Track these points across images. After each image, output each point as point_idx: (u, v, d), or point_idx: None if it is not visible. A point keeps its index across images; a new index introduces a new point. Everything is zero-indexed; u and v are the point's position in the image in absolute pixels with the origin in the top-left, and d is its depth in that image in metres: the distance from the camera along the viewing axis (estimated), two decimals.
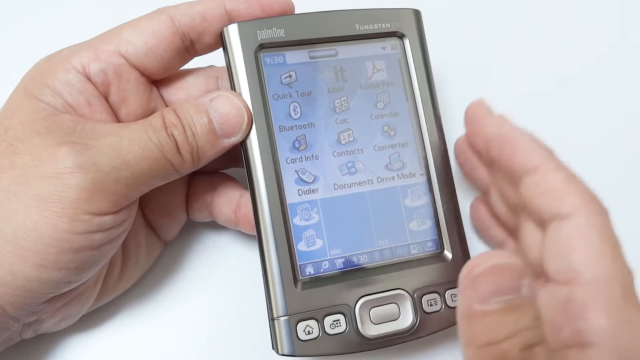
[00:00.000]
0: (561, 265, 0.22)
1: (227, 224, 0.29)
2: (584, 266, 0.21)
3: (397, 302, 0.25)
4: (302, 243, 0.25)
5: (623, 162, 0.35)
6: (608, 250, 0.21)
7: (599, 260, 0.21)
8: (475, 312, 0.17)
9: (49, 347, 0.28)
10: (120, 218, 0.24)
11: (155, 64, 0.26)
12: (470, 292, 0.17)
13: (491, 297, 0.16)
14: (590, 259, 0.21)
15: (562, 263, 0.22)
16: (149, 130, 0.24)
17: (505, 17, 0.38)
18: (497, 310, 0.16)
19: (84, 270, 0.23)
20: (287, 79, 0.26)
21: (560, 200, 0.22)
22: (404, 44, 0.28)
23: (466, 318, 0.17)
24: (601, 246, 0.21)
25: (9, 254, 0.21)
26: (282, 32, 0.26)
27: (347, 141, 0.27)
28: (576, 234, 0.21)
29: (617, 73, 0.37)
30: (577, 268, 0.21)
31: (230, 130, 0.25)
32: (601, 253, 0.21)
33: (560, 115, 0.36)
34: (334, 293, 0.25)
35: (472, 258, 0.17)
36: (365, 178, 0.27)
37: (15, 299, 0.22)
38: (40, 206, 0.22)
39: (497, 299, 0.16)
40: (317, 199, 0.26)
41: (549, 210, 0.22)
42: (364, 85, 0.27)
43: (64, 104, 0.24)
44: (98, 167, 0.22)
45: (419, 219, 0.27)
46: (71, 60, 0.25)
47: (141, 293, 0.30)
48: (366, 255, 0.26)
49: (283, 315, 0.24)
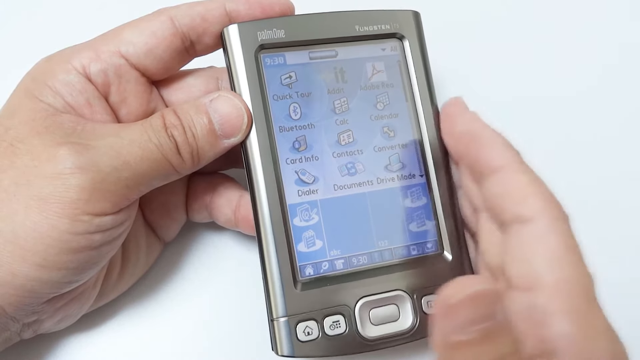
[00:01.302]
0: (523, 270, 0.21)
1: (227, 225, 0.29)
2: (546, 270, 0.21)
3: (396, 303, 0.25)
4: (301, 244, 0.25)
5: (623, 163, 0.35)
6: (569, 255, 0.21)
7: (560, 265, 0.21)
8: (453, 343, 0.16)
9: (49, 347, 0.28)
10: (120, 218, 0.24)
11: (155, 65, 0.26)
12: (447, 322, 0.16)
13: (468, 326, 0.16)
14: (552, 263, 0.21)
15: (523, 267, 0.21)
16: (149, 131, 0.24)
17: (505, 19, 0.38)
18: (475, 339, 0.16)
19: (84, 270, 0.23)
20: (287, 79, 0.26)
21: (522, 202, 0.22)
22: (404, 46, 0.28)
23: (444, 349, 0.17)
24: (563, 251, 0.21)
25: (9, 254, 0.22)
26: (282, 33, 0.26)
27: (346, 142, 0.27)
28: (537, 239, 0.21)
29: (617, 73, 0.38)
30: (538, 272, 0.21)
31: (230, 130, 0.25)
32: (563, 258, 0.21)
33: (560, 117, 0.36)
34: (334, 294, 0.25)
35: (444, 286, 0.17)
36: (365, 179, 0.27)
37: (15, 299, 0.22)
38: (40, 206, 0.22)
39: (474, 327, 0.16)
40: (317, 200, 0.26)
41: (511, 212, 0.22)
42: (363, 86, 0.27)
43: (64, 104, 0.24)
44: (98, 168, 0.22)
45: (419, 220, 0.27)
46: (71, 60, 0.25)
47: (141, 293, 0.30)
48: (366, 256, 0.26)
49: (282, 316, 0.24)
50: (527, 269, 0.21)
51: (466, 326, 0.16)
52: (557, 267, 0.21)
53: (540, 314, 0.20)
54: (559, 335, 0.20)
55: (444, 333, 0.16)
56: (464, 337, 0.16)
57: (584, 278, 0.21)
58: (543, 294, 0.20)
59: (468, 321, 0.16)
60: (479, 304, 0.16)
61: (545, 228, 0.21)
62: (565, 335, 0.20)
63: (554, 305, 0.20)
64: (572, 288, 0.20)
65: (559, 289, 0.20)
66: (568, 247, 0.21)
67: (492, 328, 0.16)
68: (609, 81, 0.37)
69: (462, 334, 0.16)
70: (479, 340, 0.16)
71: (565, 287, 0.20)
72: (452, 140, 0.26)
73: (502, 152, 0.23)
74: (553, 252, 0.21)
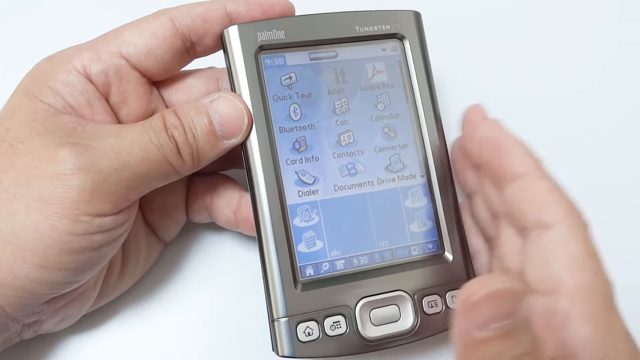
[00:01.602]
0: (543, 274, 0.22)
1: (227, 226, 0.29)
2: (566, 275, 0.21)
3: (397, 303, 0.25)
4: (302, 244, 0.25)
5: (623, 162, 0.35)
6: (589, 261, 0.21)
7: (581, 270, 0.21)
8: (474, 340, 0.16)
9: (49, 347, 0.28)
10: (120, 219, 0.24)
11: (155, 65, 0.26)
12: (469, 319, 0.17)
13: (490, 323, 0.16)
14: (572, 269, 0.21)
15: (544, 272, 0.22)
16: (149, 132, 0.24)
17: (506, 19, 0.38)
18: (496, 336, 0.16)
19: (84, 271, 0.23)
20: (287, 80, 0.26)
21: (544, 209, 0.22)
22: (404, 46, 0.28)
23: (465, 346, 0.17)
24: (583, 257, 0.21)
25: (9, 255, 0.21)
26: (282, 34, 0.26)
27: (347, 142, 0.27)
28: (558, 244, 0.22)
29: (617, 74, 0.38)
30: (559, 277, 0.21)
31: (230, 131, 0.25)
32: (583, 263, 0.21)
33: (560, 118, 0.36)
34: (334, 294, 0.25)
35: (468, 283, 0.17)
36: (366, 179, 0.27)
37: (15, 300, 0.22)
38: (40, 207, 0.22)
39: (495, 324, 0.16)
40: (317, 200, 0.26)
41: (532, 218, 0.23)
42: (364, 86, 0.27)
43: (64, 105, 0.24)
44: (98, 169, 0.22)
45: (420, 221, 0.27)
46: (72, 60, 0.25)
47: (141, 293, 0.30)
48: (366, 257, 0.26)
49: (283, 317, 0.24)
50: (548, 273, 0.22)
51: (487, 323, 0.16)
52: (578, 272, 0.21)
53: (560, 318, 0.21)
54: (579, 339, 0.20)
55: (465, 329, 0.17)
56: (485, 334, 0.16)
57: (603, 284, 0.21)
58: (563, 298, 0.21)
59: (489, 318, 0.16)
60: (501, 302, 0.16)
61: (565, 234, 0.22)
62: (586, 340, 0.20)
63: (574, 310, 0.21)
64: (592, 293, 0.21)
65: (579, 294, 0.21)
66: (588, 253, 0.21)
67: (512, 326, 0.16)
68: (609, 81, 0.37)
69: (482, 330, 0.16)
70: (499, 337, 0.16)
71: (585, 293, 0.21)
72: (474, 146, 0.26)
73: (524, 159, 0.24)
74: (573, 258, 0.21)
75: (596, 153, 0.35)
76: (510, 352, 0.16)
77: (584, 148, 0.35)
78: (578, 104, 0.36)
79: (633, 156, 0.36)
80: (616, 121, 0.36)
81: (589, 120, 0.36)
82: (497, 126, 0.25)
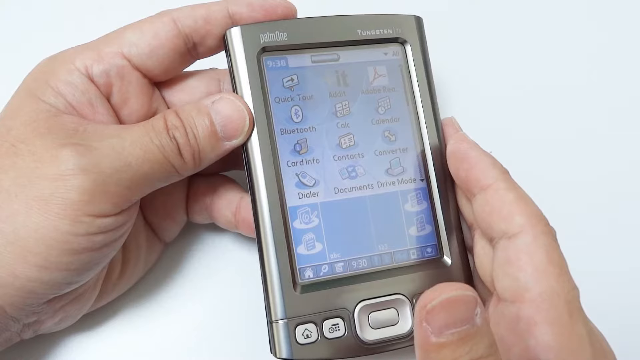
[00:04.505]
0: (509, 283, 0.23)
1: (227, 227, 0.29)
2: (531, 283, 0.22)
3: (396, 307, 0.26)
4: (301, 246, 0.26)
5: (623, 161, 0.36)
6: (553, 268, 0.22)
7: (544, 278, 0.22)
8: (432, 345, 0.17)
9: (49, 347, 0.28)
10: (121, 220, 0.24)
11: (157, 66, 0.26)
12: (426, 325, 0.17)
13: (446, 329, 0.17)
14: (536, 277, 0.22)
15: (510, 281, 0.22)
16: (150, 132, 0.24)
17: (507, 23, 0.39)
18: (451, 341, 0.17)
19: (85, 271, 0.23)
20: (289, 82, 0.26)
21: (508, 219, 0.23)
22: (406, 50, 0.28)
23: (423, 351, 0.17)
24: (547, 264, 0.22)
25: (10, 255, 0.22)
26: (285, 36, 0.26)
27: (347, 145, 0.27)
28: (523, 253, 0.22)
29: (617, 73, 0.38)
30: (524, 285, 0.22)
31: (231, 132, 0.25)
32: (547, 271, 0.22)
33: (560, 119, 0.36)
34: (333, 297, 0.25)
35: (425, 292, 0.18)
36: (366, 182, 0.27)
37: (16, 300, 0.22)
38: (41, 207, 0.22)
39: (451, 330, 0.17)
40: (317, 203, 0.26)
41: (498, 228, 0.23)
42: (365, 90, 0.27)
43: (66, 105, 0.24)
44: (100, 169, 0.22)
45: (419, 224, 0.27)
46: (74, 61, 0.25)
47: (141, 293, 0.30)
48: (365, 260, 0.26)
49: (282, 319, 0.24)
50: (514, 282, 0.22)
51: (443, 329, 0.17)
52: (541, 279, 0.22)
53: (524, 324, 0.21)
54: (542, 344, 0.21)
55: (423, 335, 0.17)
56: (441, 339, 0.17)
57: (567, 289, 0.22)
58: (528, 305, 0.22)
59: (445, 325, 0.17)
60: (456, 308, 0.17)
61: (529, 243, 0.22)
62: (549, 346, 0.21)
63: (537, 316, 0.21)
64: (556, 300, 0.21)
65: (543, 301, 0.21)
66: (552, 260, 0.22)
67: (468, 331, 0.17)
68: (609, 81, 0.37)
69: (439, 336, 0.17)
70: (456, 343, 0.17)
71: (548, 299, 0.21)
72: (446, 160, 0.27)
73: (489, 171, 0.24)
74: (537, 266, 0.22)
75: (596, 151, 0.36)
76: (466, 356, 0.17)
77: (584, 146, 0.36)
78: (579, 104, 0.37)
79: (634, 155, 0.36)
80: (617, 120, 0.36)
81: (589, 117, 0.36)
82: (462, 139, 0.26)
